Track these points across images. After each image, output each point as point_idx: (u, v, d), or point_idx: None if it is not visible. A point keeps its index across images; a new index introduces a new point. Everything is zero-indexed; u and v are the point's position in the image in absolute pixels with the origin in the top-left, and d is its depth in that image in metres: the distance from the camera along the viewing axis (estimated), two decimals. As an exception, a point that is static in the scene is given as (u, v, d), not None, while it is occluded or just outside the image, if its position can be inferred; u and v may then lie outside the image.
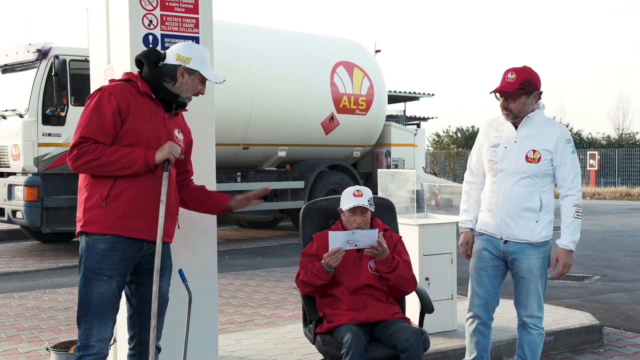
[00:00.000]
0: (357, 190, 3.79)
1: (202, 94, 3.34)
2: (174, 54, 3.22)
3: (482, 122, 4.00)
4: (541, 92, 3.79)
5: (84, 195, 3.13)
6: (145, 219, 3.09)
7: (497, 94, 3.75)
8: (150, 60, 3.20)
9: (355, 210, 3.73)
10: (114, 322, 3.17)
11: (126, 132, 3.08)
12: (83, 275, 3.10)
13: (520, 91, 3.68)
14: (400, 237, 3.92)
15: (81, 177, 3.17)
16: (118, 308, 3.17)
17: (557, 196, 3.75)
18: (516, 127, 3.78)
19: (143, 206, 3.09)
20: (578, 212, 3.72)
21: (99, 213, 3.06)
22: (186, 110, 3.40)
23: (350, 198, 3.76)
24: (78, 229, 3.14)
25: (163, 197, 3.10)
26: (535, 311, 3.81)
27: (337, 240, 3.55)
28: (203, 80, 3.28)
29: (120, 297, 3.17)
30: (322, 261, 3.58)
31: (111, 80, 3.26)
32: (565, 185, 3.74)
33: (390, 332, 3.53)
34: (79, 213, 3.14)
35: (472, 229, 3.97)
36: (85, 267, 3.09)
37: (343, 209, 3.78)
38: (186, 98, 3.28)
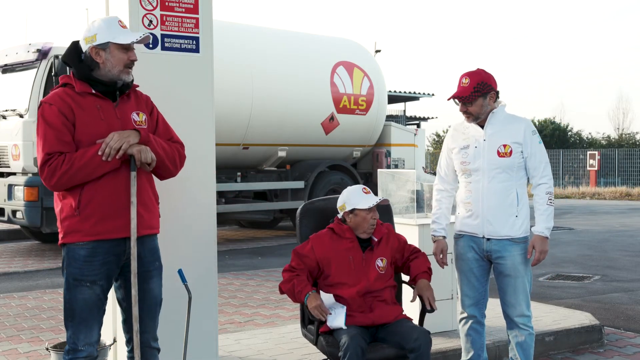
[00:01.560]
0: (364, 188, 3.78)
1: (135, 59, 3.10)
2: (82, 40, 3.08)
3: (449, 128, 4.09)
4: (497, 92, 3.85)
5: (58, 207, 3.07)
6: (123, 217, 3.02)
7: (456, 100, 3.82)
8: (73, 57, 3.09)
9: (373, 207, 3.72)
10: (101, 324, 3.13)
11: (80, 136, 2.98)
12: (66, 282, 3.06)
13: (475, 94, 3.76)
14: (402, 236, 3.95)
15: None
16: (104, 310, 3.13)
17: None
18: (482, 127, 3.84)
19: (117, 205, 3.01)
20: (550, 199, 3.80)
21: (75, 222, 2.99)
22: (137, 86, 3.23)
23: (363, 197, 3.72)
24: (60, 241, 3.08)
25: (133, 199, 3.01)
26: (525, 310, 3.83)
27: (327, 300, 3.54)
28: (123, 47, 3.05)
29: (105, 299, 3.12)
30: (307, 301, 3.49)
31: (52, 89, 3.15)
32: (537, 174, 3.82)
33: (396, 332, 3.53)
34: (58, 224, 3.09)
35: (444, 237, 4.00)
36: (68, 274, 3.04)
37: (358, 208, 3.71)
38: (120, 74, 3.06)
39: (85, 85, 3.05)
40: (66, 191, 3.01)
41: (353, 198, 3.73)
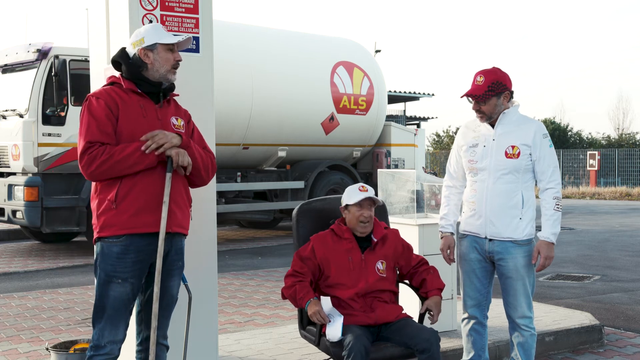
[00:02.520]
0: (362, 186, 3.76)
1: (179, 60, 3.28)
2: (130, 45, 3.25)
3: (449, 128, 4.06)
4: (512, 92, 3.82)
5: (95, 202, 3.16)
6: (158, 212, 3.10)
7: (469, 98, 3.79)
8: (124, 58, 3.25)
9: (362, 203, 3.69)
10: (127, 324, 3.19)
11: (121, 130, 3.11)
12: (98, 278, 3.14)
13: (489, 93, 3.73)
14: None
15: (92, 185, 3.20)
16: (131, 310, 3.20)
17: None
18: (493, 126, 3.82)
19: (153, 200, 3.10)
20: (558, 204, 3.76)
21: (112, 215, 3.08)
22: (177, 95, 3.38)
23: (357, 193, 3.71)
24: (95, 235, 3.16)
25: (166, 199, 3.10)
26: (526, 311, 3.82)
27: (326, 306, 3.52)
28: (168, 48, 3.23)
29: (134, 299, 3.20)
30: (308, 306, 3.50)
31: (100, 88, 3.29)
32: (545, 178, 3.78)
33: (403, 332, 3.53)
34: (94, 219, 3.18)
35: (452, 233, 3.98)
36: (101, 270, 3.13)
37: (349, 204, 3.72)
38: (167, 73, 3.23)
39: (132, 84, 3.20)
40: (103, 185, 3.10)
41: (348, 194, 3.75)
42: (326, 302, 3.55)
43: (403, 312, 3.73)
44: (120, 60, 3.25)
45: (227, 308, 6.47)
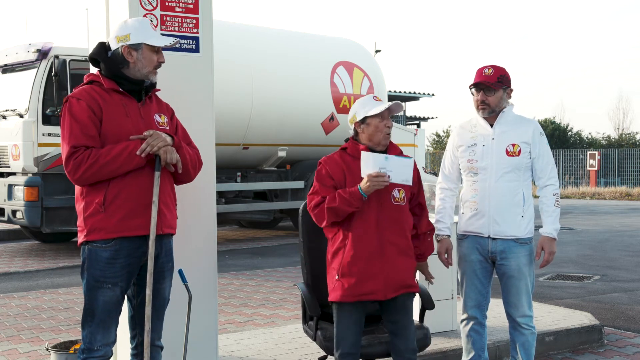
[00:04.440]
0: (375, 97, 3.44)
1: (162, 62, 3.19)
2: (113, 38, 3.14)
3: (454, 126, 4.05)
4: (512, 90, 3.85)
5: (81, 204, 3.08)
6: (147, 215, 3.05)
7: (474, 89, 3.79)
8: (102, 55, 3.15)
9: (384, 114, 3.35)
10: (117, 324, 3.17)
11: (105, 132, 3.03)
12: (87, 283, 3.08)
13: (499, 84, 3.76)
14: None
15: (76, 186, 3.11)
16: (121, 310, 3.18)
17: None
18: (491, 126, 3.82)
19: (142, 203, 3.05)
20: (558, 201, 3.80)
21: (100, 219, 3.02)
22: (159, 90, 3.31)
23: (374, 104, 3.36)
24: (82, 238, 3.09)
25: (155, 198, 3.04)
26: (527, 310, 3.83)
27: (373, 162, 3.23)
28: (154, 49, 3.15)
29: (123, 300, 3.17)
30: (361, 185, 3.24)
31: (76, 87, 3.20)
32: (545, 175, 3.81)
33: (396, 332, 3.42)
34: (80, 222, 3.10)
35: (449, 236, 3.95)
36: (89, 275, 3.07)
37: (369, 115, 3.34)
38: (148, 74, 3.15)
39: (113, 83, 3.11)
40: (90, 188, 3.03)
41: (364, 107, 3.40)
42: (369, 158, 3.26)
43: (411, 277, 3.46)
44: (98, 57, 3.15)
45: (227, 308, 6.47)
